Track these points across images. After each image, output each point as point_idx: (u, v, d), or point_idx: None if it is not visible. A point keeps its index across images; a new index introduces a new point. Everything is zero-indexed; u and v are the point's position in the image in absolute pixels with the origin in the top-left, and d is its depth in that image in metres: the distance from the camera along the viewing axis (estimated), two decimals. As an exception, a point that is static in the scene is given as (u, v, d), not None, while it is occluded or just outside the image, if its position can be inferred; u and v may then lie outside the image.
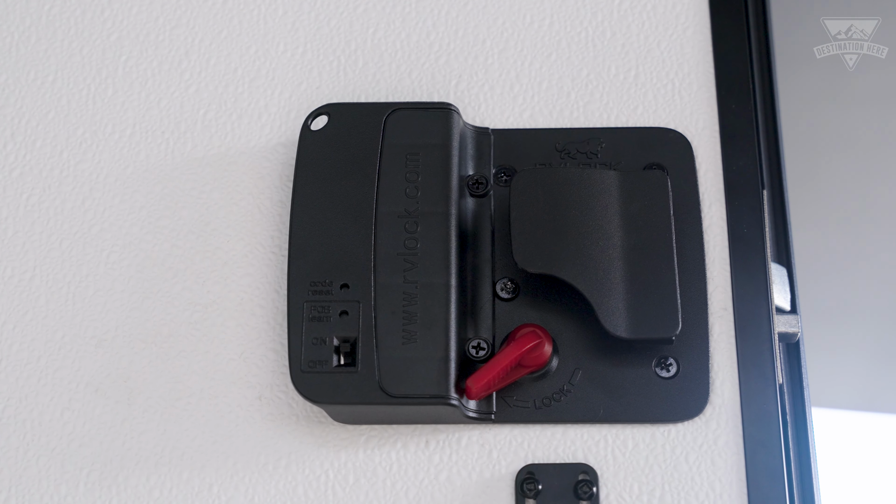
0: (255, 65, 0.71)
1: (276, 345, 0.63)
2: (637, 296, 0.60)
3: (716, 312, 0.63)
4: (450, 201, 0.61)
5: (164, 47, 0.71)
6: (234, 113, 0.69)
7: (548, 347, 0.60)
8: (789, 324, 0.64)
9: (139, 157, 0.69)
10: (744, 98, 0.68)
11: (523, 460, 0.61)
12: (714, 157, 0.67)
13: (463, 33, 0.71)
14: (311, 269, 0.60)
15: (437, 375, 0.57)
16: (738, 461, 0.60)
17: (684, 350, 0.61)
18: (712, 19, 0.70)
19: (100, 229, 0.67)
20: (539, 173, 0.63)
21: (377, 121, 0.64)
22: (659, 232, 0.61)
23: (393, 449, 0.61)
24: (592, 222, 0.61)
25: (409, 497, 0.60)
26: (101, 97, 0.70)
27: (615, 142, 0.66)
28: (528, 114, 0.69)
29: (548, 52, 0.70)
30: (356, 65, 0.70)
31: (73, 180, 0.68)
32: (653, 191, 0.62)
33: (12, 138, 0.70)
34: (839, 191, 1.40)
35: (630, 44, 0.70)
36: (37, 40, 0.72)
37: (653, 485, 0.60)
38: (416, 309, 0.59)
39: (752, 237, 0.64)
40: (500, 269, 0.63)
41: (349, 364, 0.58)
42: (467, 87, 0.69)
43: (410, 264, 0.60)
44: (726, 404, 0.61)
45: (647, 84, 0.69)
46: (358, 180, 0.62)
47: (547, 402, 0.61)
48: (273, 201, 0.67)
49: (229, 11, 0.72)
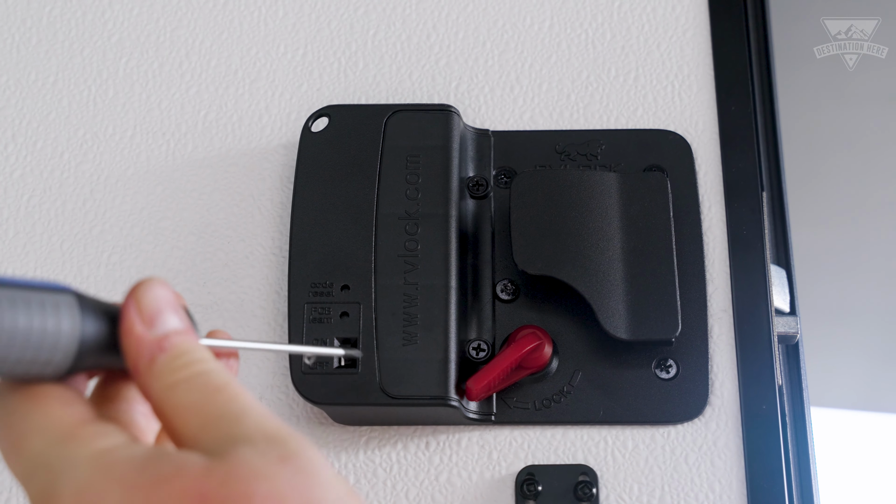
0: (255, 67, 0.71)
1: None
2: (637, 297, 0.60)
3: (715, 314, 0.63)
4: (450, 203, 0.62)
5: (165, 49, 0.72)
6: (234, 115, 0.69)
7: (548, 349, 0.60)
8: (788, 325, 0.64)
9: (140, 159, 0.69)
10: (743, 100, 0.68)
11: (523, 461, 0.61)
12: (714, 158, 0.67)
13: (463, 35, 0.71)
14: (311, 270, 0.60)
15: (438, 377, 0.58)
16: (737, 462, 0.60)
17: (684, 351, 0.61)
18: (712, 21, 0.71)
19: (100, 230, 0.67)
20: (539, 175, 0.63)
21: (378, 122, 0.64)
22: (659, 234, 0.61)
23: (393, 450, 0.61)
24: (592, 224, 0.61)
25: (410, 498, 0.60)
26: (102, 99, 0.70)
27: (615, 143, 0.66)
28: (528, 115, 0.69)
29: (548, 54, 0.70)
30: (357, 67, 0.71)
31: (74, 181, 0.68)
32: (652, 192, 0.62)
33: (13, 140, 0.70)
34: (839, 191, 1.40)
35: (630, 46, 0.70)
36: (38, 42, 0.72)
37: (652, 486, 0.60)
38: (416, 310, 0.59)
39: (751, 239, 0.64)
40: (501, 271, 0.63)
41: (350, 365, 0.58)
42: (467, 88, 0.69)
43: (411, 266, 0.60)
44: (726, 405, 0.61)
45: (646, 86, 0.69)
46: (358, 182, 0.62)
47: (547, 403, 0.61)
48: (274, 203, 0.67)
49: (230, 13, 0.72)
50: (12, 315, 0.33)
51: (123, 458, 0.33)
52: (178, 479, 0.32)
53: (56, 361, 0.34)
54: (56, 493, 0.33)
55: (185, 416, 0.35)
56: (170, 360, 0.36)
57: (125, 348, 0.36)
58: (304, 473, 0.33)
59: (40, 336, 0.33)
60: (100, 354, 0.36)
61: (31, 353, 0.33)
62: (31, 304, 0.33)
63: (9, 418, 0.35)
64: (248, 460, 0.32)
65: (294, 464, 0.33)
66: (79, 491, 0.33)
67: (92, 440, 0.34)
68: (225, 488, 0.32)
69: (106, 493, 0.32)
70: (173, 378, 0.35)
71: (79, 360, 0.35)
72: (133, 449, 0.34)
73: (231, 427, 0.34)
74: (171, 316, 0.37)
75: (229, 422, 0.34)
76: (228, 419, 0.34)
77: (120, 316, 0.36)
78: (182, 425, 0.35)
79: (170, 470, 0.32)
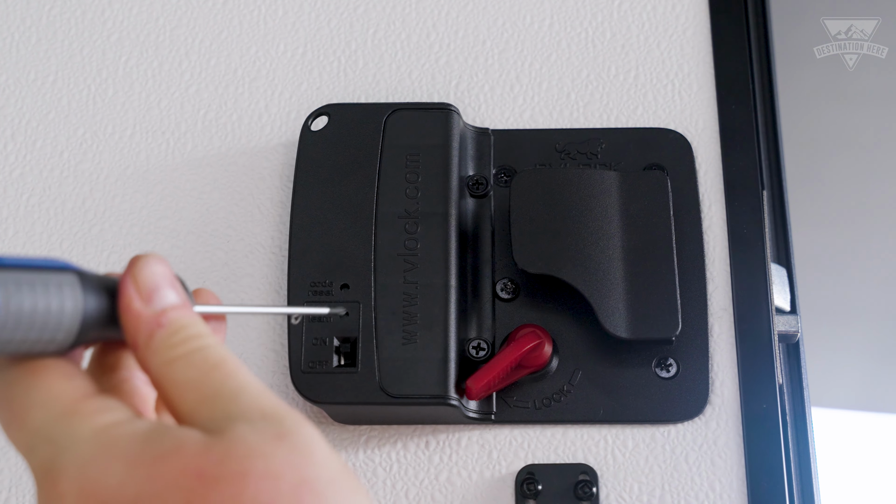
0: (255, 65, 0.71)
1: (276, 345, 0.63)
2: (637, 296, 0.60)
3: (716, 313, 0.63)
4: (450, 202, 0.61)
5: (165, 48, 0.71)
6: (234, 113, 0.69)
7: (548, 348, 0.60)
8: (789, 324, 0.64)
9: (139, 158, 0.69)
10: (743, 98, 0.68)
11: (523, 460, 0.61)
12: (714, 157, 0.67)
13: (463, 34, 0.71)
14: (311, 269, 0.60)
15: (438, 376, 0.58)
16: (738, 461, 0.60)
17: (684, 350, 0.61)
18: (712, 20, 0.71)
19: (100, 230, 0.67)
20: (539, 174, 0.63)
21: (377, 121, 0.64)
22: (659, 232, 0.61)
23: (393, 449, 0.61)
24: (592, 223, 0.61)
25: (410, 497, 0.60)
26: (102, 97, 0.70)
27: (615, 142, 0.66)
28: (528, 114, 0.69)
29: (548, 53, 0.70)
30: (356, 65, 0.70)
31: (74, 180, 0.68)
32: (653, 191, 0.62)
33: (13, 138, 0.70)
34: (839, 191, 1.40)
35: (630, 44, 0.70)
36: (37, 41, 0.72)
37: (653, 485, 0.60)
38: (416, 309, 0.59)
39: (751, 237, 0.64)
40: (501, 270, 0.63)
41: (349, 364, 0.58)
42: (467, 87, 0.69)
43: (410, 265, 0.60)
44: (726, 404, 0.61)
45: (646, 84, 0.69)
46: (358, 181, 0.62)
47: (547, 402, 0.61)
48: (273, 202, 0.67)
49: (229, 12, 0.72)
50: (18, 297, 0.33)
51: (125, 435, 0.34)
52: (178, 457, 0.33)
53: (59, 339, 0.35)
54: (58, 468, 0.33)
55: (182, 393, 0.35)
56: (168, 336, 0.36)
57: (124, 324, 0.36)
58: (299, 451, 0.33)
59: (45, 316, 0.34)
60: (101, 329, 0.36)
61: (35, 333, 0.34)
62: (35, 286, 0.34)
63: (10, 391, 0.35)
64: (245, 438, 0.33)
65: (289, 441, 0.33)
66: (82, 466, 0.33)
67: (94, 415, 0.34)
68: (222, 466, 0.32)
69: (108, 469, 0.33)
70: (171, 354, 0.36)
71: (81, 336, 0.35)
72: (135, 425, 0.34)
73: (228, 404, 0.34)
74: (169, 291, 0.37)
75: (226, 399, 0.34)
76: (225, 396, 0.35)
77: (118, 292, 0.37)
78: (180, 401, 0.35)
79: (170, 447, 0.33)
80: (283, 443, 0.33)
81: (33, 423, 0.35)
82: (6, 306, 0.33)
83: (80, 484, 0.33)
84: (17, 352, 0.34)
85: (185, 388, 0.35)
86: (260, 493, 0.32)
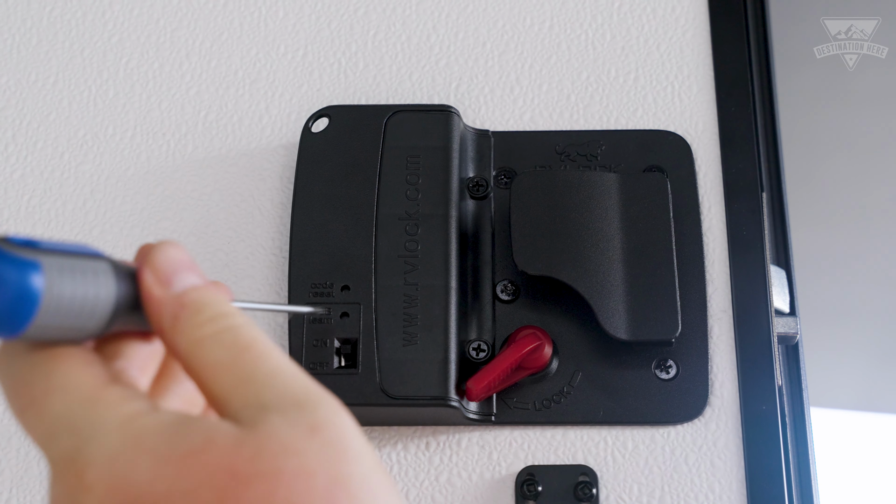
0: (255, 67, 0.71)
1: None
2: (637, 298, 0.60)
3: (715, 314, 0.63)
4: (450, 203, 0.62)
5: (165, 49, 0.72)
6: (234, 115, 0.69)
7: (548, 349, 0.60)
8: (788, 325, 0.64)
9: (140, 159, 0.69)
10: (743, 101, 0.68)
11: (523, 462, 0.61)
12: (713, 159, 0.67)
13: (463, 36, 0.71)
14: (311, 270, 0.60)
15: (438, 377, 0.58)
16: (737, 462, 0.60)
17: (684, 352, 0.61)
18: (712, 22, 0.71)
19: (101, 231, 0.67)
20: (539, 176, 0.63)
21: (378, 123, 0.64)
22: (658, 234, 0.61)
23: (393, 450, 0.61)
24: (592, 224, 0.61)
25: (410, 498, 0.60)
26: (103, 99, 0.70)
27: (615, 144, 0.66)
28: (528, 116, 0.69)
29: (548, 55, 0.70)
30: (357, 67, 0.71)
31: (75, 182, 0.68)
32: (652, 193, 0.62)
33: (13, 140, 0.70)
34: (839, 192, 1.40)
35: (630, 46, 0.70)
36: (38, 42, 0.72)
37: (652, 486, 0.60)
38: (416, 311, 0.59)
39: (751, 239, 0.64)
40: (501, 271, 0.63)
41: (350, 365, 0.58)
42: (468, 89, 0.70)
43: (411, 266, 0.60)
44: (726, 406, 0.61)
45: (646, 87, 0.69)
46: (359, 182, 0.62)
47: (547, 403, 0.61)
48: (274, 203, 0.67)
49: (230, 14, 0.72)
50: (60, 283, 0.32)
51: (152, 427, 0.33)
52: (209, 453, 0.32)
53: (89, 328, 0.34)
54: (84, 459, 0.32)
55: (214, 375, 0.34)
56: (193, 315, 0.35)
57: (148, 313, 0.36)
58: (333, 447, 0.32)
59: (82, 303, 0.33)
60: (125, 318, 0.36)
61: (70, 320, 0.33)
62: (75, 272, 0.33)
63: (29, 376, 0.34)
64: (278, 432, 0.32)
65: (323, 435, 0.32)
66: (110, 460, 0.32)
67: (118, 404, 0.33)
68: (255, 464, 0.32)
69: (137, 463, 0.32)
70: (200, 333, 0.35)
71: (109, 325, 0.35)
72: (159, 416, 0.33)
73: (260, 391, 0.33)
74: (187, 273, 0.36)
75: (259, 385, 0.34)
76: (257, 381, 0.34)
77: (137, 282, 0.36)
78: (212, 384, 0.34)
79: (200, 442, 0.32)
80: (317, 437, 0.32)
81: (53, 410, 0.33)
82: (49, 291, 0.32)
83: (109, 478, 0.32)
84: (48, 338, 0.34)
85: (216, 370, 0.34)
86: (293, 492, 0.31)
